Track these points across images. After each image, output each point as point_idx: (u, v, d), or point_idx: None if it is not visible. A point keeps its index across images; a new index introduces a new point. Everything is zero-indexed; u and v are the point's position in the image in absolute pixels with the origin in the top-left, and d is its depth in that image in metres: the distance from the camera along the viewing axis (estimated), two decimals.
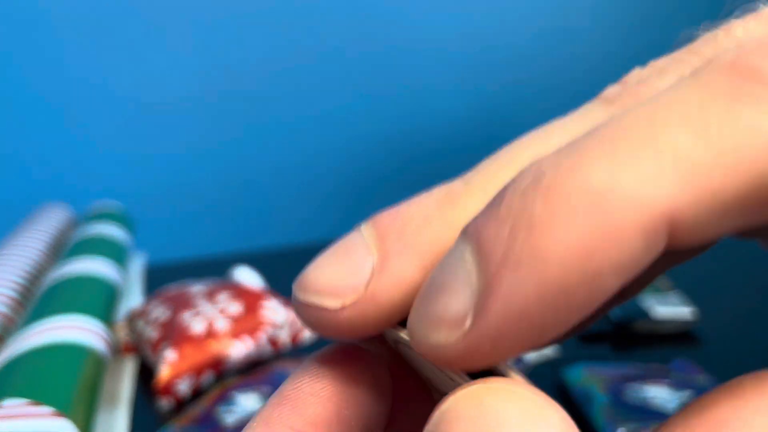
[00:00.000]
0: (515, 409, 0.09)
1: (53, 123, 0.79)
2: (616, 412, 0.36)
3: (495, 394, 0.09)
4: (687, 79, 0.10)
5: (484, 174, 0.13)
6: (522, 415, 0.09)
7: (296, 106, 0.89)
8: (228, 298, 0.45)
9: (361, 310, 0.11)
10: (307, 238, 0.91)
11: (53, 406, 0.29)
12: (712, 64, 0.10)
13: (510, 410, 0.09)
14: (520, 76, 1.01)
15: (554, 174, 0.09)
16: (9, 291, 0.44)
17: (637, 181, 0.09)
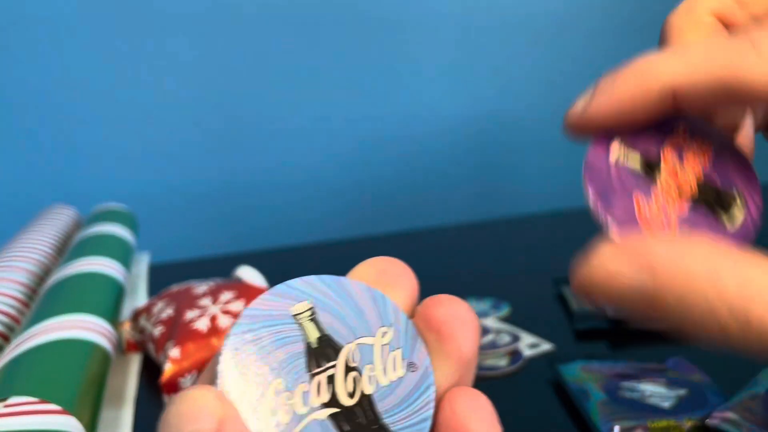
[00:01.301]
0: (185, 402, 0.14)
1: (59, 126, 0.80)
2: (611, 409, 0.36)
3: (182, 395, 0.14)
4: None
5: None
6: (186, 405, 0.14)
7: (299, 109, 0.90)
8: (231, 296, 0.46)
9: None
10: (309, 239, 0.91)
11: (59, 403, 0.29)
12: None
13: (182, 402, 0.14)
14: (520, 78, 1.01)
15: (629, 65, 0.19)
16: (14, 291, 0.45)
17: (659, 65, 0.18)
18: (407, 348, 0.16)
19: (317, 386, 0.15)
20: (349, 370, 0.16)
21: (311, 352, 0.16)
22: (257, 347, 0.15)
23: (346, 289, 0.17)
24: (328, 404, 0.15)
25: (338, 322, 0.16)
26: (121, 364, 0.46)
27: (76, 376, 0.32)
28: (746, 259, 0.15)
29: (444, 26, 0.94)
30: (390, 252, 0.63)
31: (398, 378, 0.16)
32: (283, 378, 0.15)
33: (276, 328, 0.15)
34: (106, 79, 0.80)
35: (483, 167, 1.02)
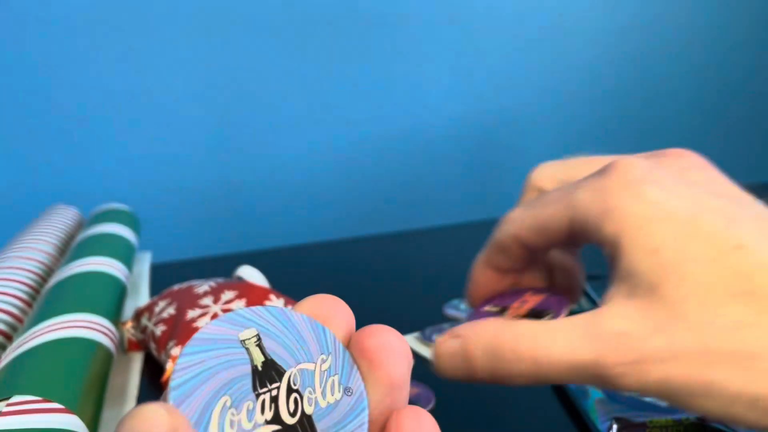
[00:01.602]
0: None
1: (60, 126, 0.80)
2: (610, 408, 0.37)
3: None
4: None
5: None
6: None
7: (299, 109, 0.90)
8: (232, 296, 0.46)
9: None
10: (309, 238, 0.91)
11: (61, 402, 0.29)
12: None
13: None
14: (519, 78, 1.01)
15: None
16: (17, 291, 0.45)
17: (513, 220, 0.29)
18: (344, 374, 0.18)
19: (261, 405, 0.17)
20: (291, 392, 0.17)
21: (256, 374, 0.17)
22: (207, 367, 0.16)
23: (290, 319, 0.18)
24: (271, 422, 0.17)
25: (282, 348, 0.18)
26: (123, 363, 0.47)
27: (79, 375, 0.32)
28: (518, 323, 0.25)
29: (444, 26, 0.95)
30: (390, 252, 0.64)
31: (336, 401, 0.18)
32: (230, 396, 0.16)
33: (225, 351, 0.17)
34: (108, 79, 0.81)
35: (483, 167, 1.02)
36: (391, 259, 0.69)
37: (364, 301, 0.57)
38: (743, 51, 1.16)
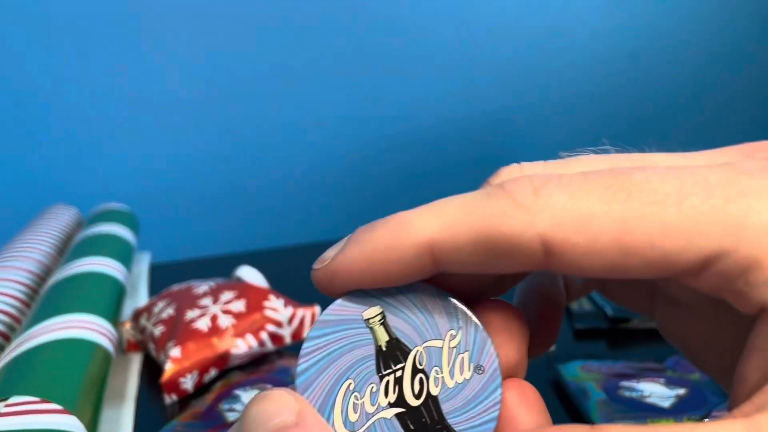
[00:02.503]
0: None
1: (60, 125, 0.80)
2: (611, 408, 0.37)
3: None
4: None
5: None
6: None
7: (299, 110, 0.90)
8: (231, 296, 0.46)
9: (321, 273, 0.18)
10: (309, 239, 0.91)
11: (60, 402, 0.29)
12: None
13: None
14: (519, 78, 1.02)
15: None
16: (15, 291, 0.45)
17: (418, 225, 0.16)
18: (476, 351, 0.17)
19: (385, 387, 0.16)
20: (416, 372, 0.17)
21: (380, 355, 0.17)
22: (330, 351, 0.16)
23: (417, 293, 0.17)
24: (394, 404, 0.16)
25: (407, 325, 0.17)
26: (121, 363, 0.47)
27: (77, 376, 0.32)
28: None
29: (444, 26, 0.95)
30: None
31: (464, 380, 0.17)
32: (353, 379, 0.16)
33: (348, 332, 0.17)
34: (108, 79, 0.80)
35: (483, 167, 1.02)
36: None
37: None
38: (743, 51, 1.16)
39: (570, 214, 0.15)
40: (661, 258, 0.15)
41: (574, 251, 0.15)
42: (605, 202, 0.15)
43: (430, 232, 0.16)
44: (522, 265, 0.16)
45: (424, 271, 0.16)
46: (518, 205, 0.15)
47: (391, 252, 0.16)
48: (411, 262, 0.16)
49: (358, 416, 0.16)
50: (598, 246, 0.15)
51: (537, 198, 0.15)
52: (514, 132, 1.02)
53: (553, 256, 0.15)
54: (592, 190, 0.15)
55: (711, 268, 0.14)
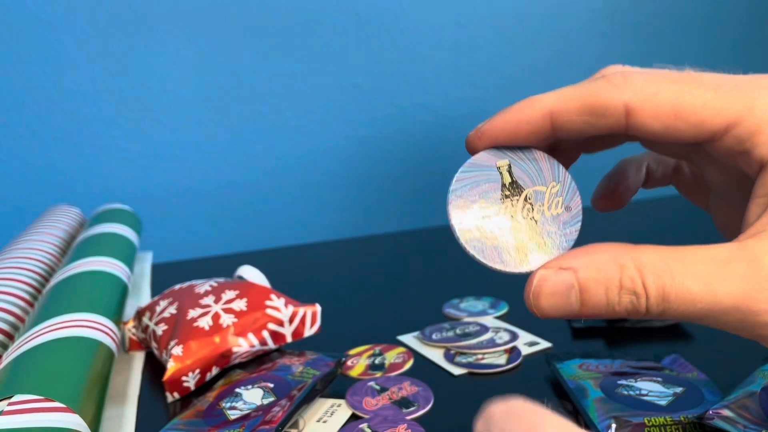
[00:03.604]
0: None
1: (62, 125, 0.80)
2: (608, 407, 0.37)
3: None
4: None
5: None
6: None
7: (299, 110, 0.90)
8: (233, 295, 0.46)
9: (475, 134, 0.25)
10: (309, 238, 0.92)
11: (62, 401, 0.30)
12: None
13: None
14: (518, 78, 1.02)
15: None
16: (18, 290, 0.45)
17: (543, 98, 0.24)
18: (567, 197, 0.25)
19: (505, 209, 0.24)
20: (526, 203, 0.24)
21: (504, 188, 0.25)
22: (473, 180, 0.24)
23: (535, 156, 0.25)
24: (510, 220, 0.24)
25: (525, 175, 0.25)
26: (124, 362, 0.47)
27: (80, 375, 0.33)
28: (642, 250, 0.22)
29: (444, 26, 0.95)
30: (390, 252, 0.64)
31: (558, 213, 0.25)
32: (486, 200, 0.24)
33: (486, 172, 0.25)
34: (109, 80, 0.81)
35: None
36: (391, 259, 0.70)
37: (364, 300, 0.58)
38: (743, 51, 1.16)
39: (644, 89, 0.22)
40: (699, 122, 0.22)
41: (645, 114, 0.22)
42: (668, 83, 0.22)
43: (551, 101, 0.24)
44: (611, 125, 0.23)
45: (544, 133, 0.24)
46: (612, 84, 0.23)
47: (523, 115, 0.24)
48: (537, 122, 0.24)
49: (486, 222, 0.24)
50: (660, 111, 0.22)
51: (624, 80, 0.23)
52: None
53: (631, 117, 0.23)
54: (661, 77, 0.23)
55: (730, 132, 0.22)
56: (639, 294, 0.21)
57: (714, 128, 0.22)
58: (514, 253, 0.24)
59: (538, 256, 0.24)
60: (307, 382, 0.38)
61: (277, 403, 0.36)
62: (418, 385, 0.40)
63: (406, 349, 0.47)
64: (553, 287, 0.22)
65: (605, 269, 0.22)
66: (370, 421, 0.36)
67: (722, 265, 0.20)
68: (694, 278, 0.20)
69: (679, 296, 0.20)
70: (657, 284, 0.21)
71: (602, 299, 0.22)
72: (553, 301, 0.22)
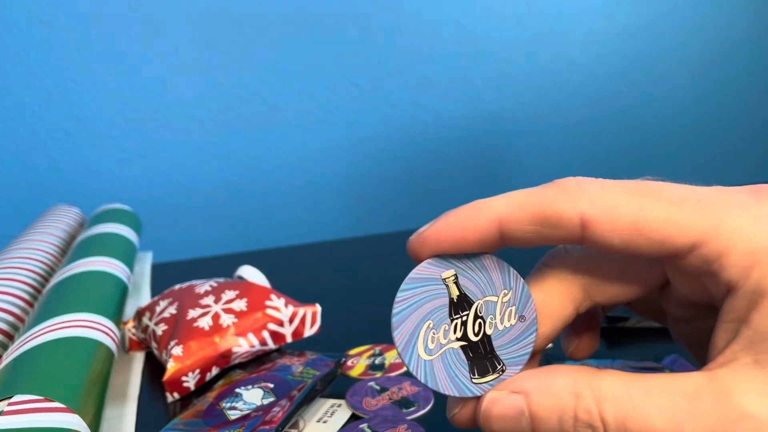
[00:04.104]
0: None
1: (62, 125, 0.80)
2: None
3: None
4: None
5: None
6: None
7: (299, 110, 0.90)
8: (233, 295, 0.46)
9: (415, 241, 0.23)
10: (309, 238, 0.92)
11: (62, 401, 0.30)
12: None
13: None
14: (519, 78, 1.02)
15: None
16: (18, 290, 0.45)
17: (491, 204, 0.22)
18: (520, 305, 0.23)
19: (454, 327, 0.23)
20: (477, 318, 0.23)
21: (452, 305, 0.23)
22: (416, 300, 0.23)
23: (482, 261, 0.23)
24: (460, 339, 0.23)
25: (473, 285, 0.23)
26: (124, 362, 0.47)
27: (80, 375, 0.33)
28: (601, 377, 0.21)
29: (444, 27, 0.95)
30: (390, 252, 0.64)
31: (511, 325, 0.23)
32: (432, 320, 0.23)
33: (431, 286, 0.23)
34: (109, 80, 0.81)
35: (482, 167, 1.02)
36: (391, 259, 0.70)
37: (364, 301, 0.58)
38: (743, 51, 1.16)
39: (602, 200, 0.21)
40: (661, 239, 0.20)
41: (602, 227, 0.20)
42: (627, 195, 0.21)
43: (499, 210, 0.22)
44: (565, 237, 0.21)
45: (492, 241, 0.22)
46: (566, 192, 0.21)
47: (469, 222, 0.22)
48: (484, 230, 0.22)
49: (435, 345, 0.23)
50: (619, 224, 0.20)
51: (579, 189, 0.21)
52: (514, 132, 1.03)
53: (587, 230, 0.21)
54: (618, 188, 0.21)
55: (695, 251, 0.20)
56: (596, 428, 0.19)
57: (678, 247, 0.20)
58: (468, 375, 0.23)
59: (491, 375, 0.23)
60: (307, 382, 0.38)
61: (277, 404, 0.36)
62: (419, 386, 0.40)
63: None
64: (503, 411, 0.21)
65: (559, 396, 0.20)
66: (371, 422, 0.36)
67: (690, 399, 0.19)
68: (659, 413, 0.19)
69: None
70: (617, 418, 0.19)
71: (555, 430, 0.20)
72: (504, 424, 0.21)
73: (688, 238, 0.20)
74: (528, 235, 0.22)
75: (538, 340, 0.23)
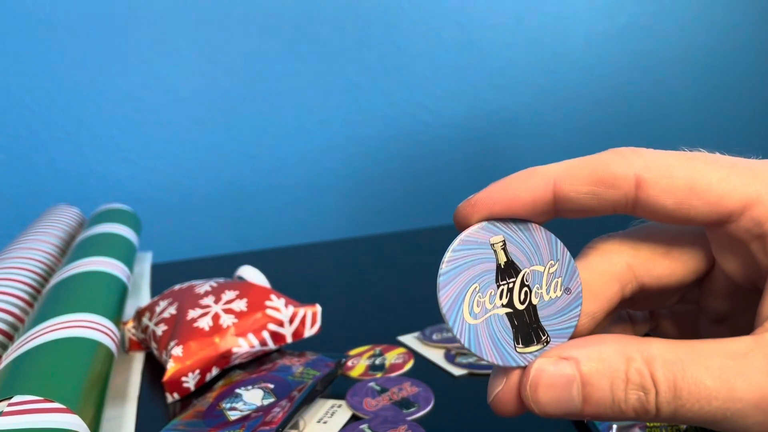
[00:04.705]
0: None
1: (62, 125, 0.80)
2: None
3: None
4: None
5: None
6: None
7: (299, 110, 0.90)
8: (233, 295, 0.46)
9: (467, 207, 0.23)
10: (309, 238, 0.92)
11: (62, 401, 0.30)
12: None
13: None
14: (519, 78, 1.02)
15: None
16: (18, 291, 0.45)
17: (546, 168, 0.22)
18: (566, 277, 0.23)
19: (500, 293, 0.22)
20: (523, 286, 0.23)
21: (499, 270, 0.23)
22: (466, 261, 0.22)
23: (531, 230, 0.23)
24: (505, 306, 0.22)
25: (521, 253, 0.23)
26: (124, 362, 0.47)
27: (80, 375, 0.33)
28: (649, 343, 0.20)
29: (444, 26, 0.95)
30: (390, 252, 0.64)
31: (557, 297, 0.23)
32: (479, 284, 0.22)
33: (478, 251, 0.23)
34: (110, 80, 0.81)
35: (482, 167, 1.02)
36: (391, 259, 0.70)
37: (364, 301, 0.58)
38: (743, 51, 1.16)
39: (657, 162, 0.21)
40: (715, 199, 0.21)
41: (657, 187, 0.21)
42: (681, 159, 0.21)
43: (555, 171, 0.22)
44: (619, 198, 0.21)
45: (546, 206, 0.22)
46: (621, 156, 0.22)
47: (524, 183, 0.22)
48: (539, 192, 0.22)
49: (480, 310, 0.22)
50: (674, 184, 0.21)
51: (634, 153, 0.21)
52: (514, 132, 1.03)
53: (642, 190, 0.21)
54: (673, 154, 0.21)
55: (747, 212, 0.20)
56: (648, 389, 0.19)
57: (731, 207, 0.20)
58: (512, 343, 0.22)
59: (536, 346, 0.22)
60: (307, 382, 0.38)
61: (278, 404, 0.36)
62: (419, 386, 0.40)
63: (406, 349, 0.47)
64: (552, 379, 0.21)
65: (610, 361, 0.20)
66: (371, 422, 0.36)
67: (739, 358, 0.19)
68: (708, 372, 0.19)
69: (693, 392, 0.19)
70: (668, 378, 0.19)
71: (607, 395, 0.20)
72: (553, 394, 0.21)
73: (741, 199, 0.20)
74: (582, 197, 0.22)
75: (581, 318, 0.23)
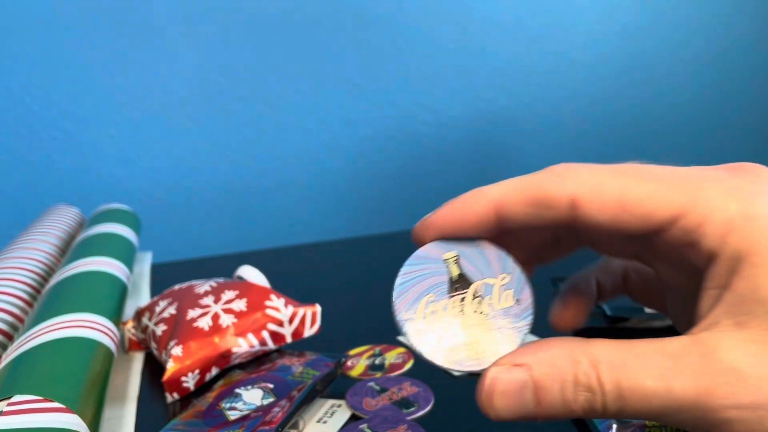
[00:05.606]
0: None
1: (62, 125, 0.80)
2: None
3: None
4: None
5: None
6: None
7: (299, 110, 0.90)
8: (233, 295, 0.46)
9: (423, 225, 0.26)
10: (309, 238, 0.92)
11: (62, 401, 0.30)
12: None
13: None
14: (519, 78, 1.02)
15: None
16: (18, 291, 0.45)
17: (490, 189, 0.24)
18: (517, 289, 0.24)
19: (453, 303, 0.24)
20: (475, 297, 0.24)
21: (452, 282, 0.24)
22: (419, 274, 0.24)
23: (482, 247, 0.25)
24: (458, 315, 0.24)
25: (472, 267, 0.24)
26: (123, 362, 0.47)
27: (80, 375, 0.33)
28: (594, 344, 0.22)
29: (444, 26, 0.95)
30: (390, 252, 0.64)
31: (508, 306, 0.24)
32: (434, 293, 0.24)
33: (433, 265, 0.24)
34: (110, 79, 0.81)
35: (483, 167, 1.02)
36: (390, 259, 0.70)
37: (364, 300, 0.57)
38: (743, 51, 1.16)
39: (589, 181, 0.22)
40: (645, 214, 0.22)
41: (590, 206, 0.22)
42: (612, 176, 0.22)
43: (496, 194, 0.24)
44: (557, 217, 0.23)
45: (490, 224, 0.24)
46: (556, 175, 0.23)
47: (468, 206, 0.24)
48: (483, 213, 0.24)
49: (433, 318, 0.23)
50: (605, 202, 0.22)
51: (568, 172, 0.23)
52: (514, 132, 1.03)
53: (576, 209, 0.22)
54: (605, 170, 0.23)
55: (676, 223, 0.21)
56: (594, 390, 0.20)
57: (660, 220, 0.22)
58: (465, 350, 0.23)
59: (489, 353, 0.23)
60: (307, 382, 0.38)
61: (277, 404, 0.36)
62: (419, 386, 0.40)
63: (406, 349, 0.47)
64: (507, 386, 0.21)
65: (560, 365, 0.21)
66: (370, 422, 0.36)
67: (677, 359, 0.20)
68: (648, 373, 0.20)
69: (636, 392, 0.20)
70: (612, 380, 0.20)
71: (558, 397, 0.21)
72: (508, 401, 0.21)
73: (669, 211, 0.21)
74: (522, 217, 0.23)
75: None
